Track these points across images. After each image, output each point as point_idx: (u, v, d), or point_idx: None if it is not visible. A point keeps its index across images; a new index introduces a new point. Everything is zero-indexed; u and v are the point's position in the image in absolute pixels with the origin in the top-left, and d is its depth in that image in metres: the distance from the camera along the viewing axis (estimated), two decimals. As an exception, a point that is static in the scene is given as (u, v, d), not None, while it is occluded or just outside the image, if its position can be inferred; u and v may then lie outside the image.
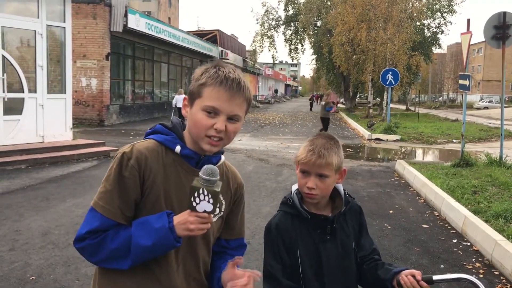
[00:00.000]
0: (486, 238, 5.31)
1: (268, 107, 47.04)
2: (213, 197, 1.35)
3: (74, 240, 1.45)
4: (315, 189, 1.72)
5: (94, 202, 1.45)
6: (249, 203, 7.14)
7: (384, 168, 11.53)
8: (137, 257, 1.41)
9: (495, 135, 20.00)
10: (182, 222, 1.39)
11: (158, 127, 1.56)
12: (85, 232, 1.42)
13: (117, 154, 1.48)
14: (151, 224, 1.40)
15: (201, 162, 1.51)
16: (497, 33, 9.85)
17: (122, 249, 1.41)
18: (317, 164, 1.71)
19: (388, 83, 21.12)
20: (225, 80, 1.44)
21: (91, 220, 1.44)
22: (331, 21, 31.45)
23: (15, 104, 10.18)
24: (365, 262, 1.83)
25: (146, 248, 1.39)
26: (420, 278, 1.63)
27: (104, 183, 1.45)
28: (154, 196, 1.46)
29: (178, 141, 1.51)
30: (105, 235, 1.42)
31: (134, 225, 1.43)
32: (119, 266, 1.43)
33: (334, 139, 1.80)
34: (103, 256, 1.43)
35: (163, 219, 1.40)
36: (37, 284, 4.01)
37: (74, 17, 16.16)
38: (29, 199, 6.87)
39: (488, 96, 67.39)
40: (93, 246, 1.42)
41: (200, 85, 1.46)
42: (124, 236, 1.41)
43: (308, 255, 1.74)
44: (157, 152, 1.48)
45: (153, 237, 1.39)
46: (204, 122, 1.44)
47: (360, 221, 1.87)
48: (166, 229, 1.39)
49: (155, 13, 53.68)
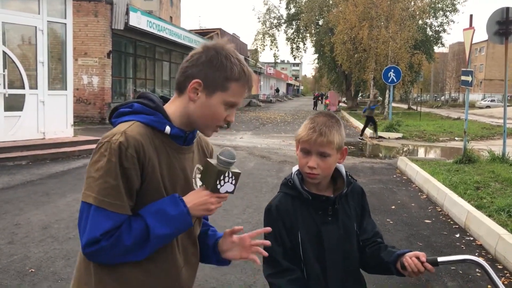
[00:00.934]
0: (490, 233, 5.27)
1: (269, 106, 46.99)
2: (235, 179, 1.43)
3: (85, 245, 1.33)
4: (316, 169, 1.67)
5: (97, 200, 1.32)
6: (251, 199, 7.11)
7: (386, 165, 11.48)
8: (155, 247, 1.38)
9: (497, 133, 19.92)
10: (201, 203, 1.41)
11: (138, 107, 1.46)
12: (100, 234, 1.32)
13: (105, 144, 1.36)
14: (168, 212, 1.37)
15: (188, 139, 1.51)
16: (500, 28, 9.79)
17: (138, 242, 1.35)
18: (318, 142, 1.66)
19: (390, 80, 21.03)
20: (250, 79, 1.46)
21: (101, 220, 1.32)
22: (332, 20, 31.36)
23: (16, 100, 10.15)
24: (367, 246, 1.78)
25: (166, 236, 1.38)
26: (424, 259, 1.58)
27: (103, 178, 1.33)
28: (155, 182, 1.41)
29: (166, 121, 1.45)
30: (119, 233, 1.33)
31: (148, 216, 1.36)
32: (135, 259, 1.38)
33: (335, 117, 1.75)
34: (118, 254, 1.35)
35: (178, 204, 1.39)
36: (36, 276, 3.97)
37: (76, 15, 16.14)
38: (29, 194, 6.84)
39: (490, 95, 67.20)
40: (108, 247, 1.33)
41: (227, 78, 1.43)
42: (138, 229, 1.35)
43: (309, 237, 1.70)
44: (147, 136, 1.41)
45: (172, 225, 1.38)
46: (222, 116, 1.45)
47: (362, 203, 1.83)
48: (184, 214, 1.38)
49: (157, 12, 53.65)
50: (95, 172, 1.34)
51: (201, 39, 29.35)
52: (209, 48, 1.45)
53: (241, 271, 4.26)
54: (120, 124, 1.43)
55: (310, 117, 1.75)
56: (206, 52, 1.45)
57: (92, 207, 1.33)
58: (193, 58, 1.46)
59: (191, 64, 1.45)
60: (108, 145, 1.35)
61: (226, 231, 1.61)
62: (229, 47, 1.47)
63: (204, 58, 1.44)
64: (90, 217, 1.33)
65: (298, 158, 1.74)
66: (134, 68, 22.29)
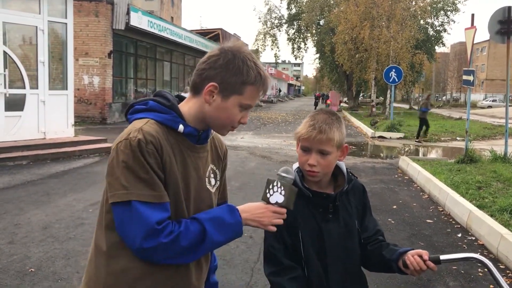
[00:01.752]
0: (492, 232, 5.24)
1: (271, 106, 46.97)
2: (285, 190, 1.46)
3: (143, 238, 1.30)
4: (316, 166, 1.66)
5: (139, 196, 1.31)
6: (252, 199, 7.04)
7: (388, 165, 11.45)
8: (206, 252, 1.43)
9: (499, 133, 19.88)
10: (259, 216, 1.45)
11: (152, 104, 1.47)
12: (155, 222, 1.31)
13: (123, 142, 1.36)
14: (225, 220, 1.42)
15: (201, 138, 1.52)
16: (502, 28, 9.75)
17: (193, 245, 1.38)
18: (318, 140, 1.64)
19: (392, 80, 21.01)
20: (266, 83, 1.49)
21: (150, 213, 1.31)
22: (334, 20, 31.32)
23: (16, 100, 10.14)
24: (369, 243, 1.76)
25: (218, 243, 1.42)
26: (427, 258, 1.56)
27: (134, 173, 1.32)
28: (174, 177, 1.42)
29: (180, 120, 1.46)
30: (178, 233, 1.35)
31: (206, 221, 1.40)
32: (186, 261, 1.42)
33: (336, 115, 1.73)
34: (172, 255, 1.36)
35: (235, 214, 1.43)
36: (36, 276, 3.96)
37: (76, 15, 16.13)
38: (29, 194, 6.82)
39: (492, 95, 67.10)
40: (166, 245, 1.33)
41: (244, 82, 1.44)
42: (195, 232, 1.38)
43: (310, 235, 1.68)
44: (162, 134, 1.42)
45: (226, 233, 1.41)
46: (237, 118, 1.48)
47: (363, 201, 1.81)
48: (239, 224, 1.43)
49: (158, 12, 53.63)
50: (120, 171, 1.33)
51: (202, 39, 29.35)
52: (226, 51, 1.45)
53: (241, 271, 4.24)
54: (134, 122, 1.45)
55: (310, 114, 1.74)
56: (223, 55, 1.44)
57: (134, 204, 1.32)
58: (210, 60, 1.46)
59: (208, 66, 1.45)
60: (127, 143, 1.35)
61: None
62: (246, 49, 1.48)
63: (221, 61, 1.44)
64: (135, 214, 1.31)
65: (298, 155, 1.73)
66: (135, 68, 22.29)
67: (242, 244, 5.00)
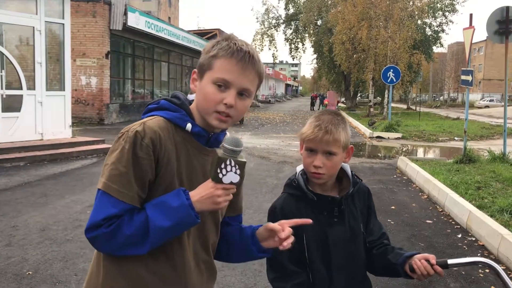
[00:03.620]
0: (492, 233, 5.21)
1: (268, 106, 46.94)
2: (240, 168, 1.32)
3: (87, 229, 1.32)
4: (322, 168, 1.62)
5: (106, 186, 1.32)
6: (250, 200, 7.05)
7: (386, 165, 11.44)
8: (156, 240, 1.32)
9: (497, 133, 19.90)
10: (207, 196, 1.32)
11: (163, 103, 1.46)
12: (101, 219, 1.30)
13: (125, 133, 1.35)
14: (169, 204, 1.31)
15: (211, 140, 1.46)
16: (500, 28, 9.75)
17: (139, 234, 1.31)
18: (324, 141, 1.61)
19: (389, 80, 21.00)
20: (237, 52, 1.37)
21: (106, 206, 1.31)
22: (331, 20, 31.32)
23: (13, 101, 10.09)
24: (374, 247, 1.73)
25: (166, 229, 1.31)
26: (434, 262, 1.53)
27: (114, 164, 1.32)
28: (169, 177, 1.37)
29: (188, 119, 1.43)
30: (120, 222, 1.30)
31: (149, 207, 1.33)
32: (136, 253, 1.34)
33: (341, 115, 1.70)
34: (117, 245, 1.32)
35: (181, 196, 1.32)
36: (34, 279, 3.91)
37: (74, 15, 16.07)
38: (27, 195, 6.77)
39: (489, 95, 67.20)
40: (107, 234, 1.30)
41: (211, 56, 1.39)
42: (139, 221, 1.31)
43: (315, 239, 1.64)
44: (168, 131, 1.39)
45: (173, 217, 1.31)
46: (214, 96, 1.37)
47: (368, 204, 1.77)
48: (186, 206, 1.31)
49: (155, 12, 53.54)
50: (109, 160, 1.35)
51: (199, 39, 29.29)
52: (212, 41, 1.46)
53: (241, 273, 4.20)
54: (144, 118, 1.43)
55: (314, 115, 1.70)
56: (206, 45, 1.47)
57: (99, 192, 1.33)
58: None
59: None
60: (126, 134, 1.35)
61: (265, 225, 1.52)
62: (232, 35, 1.45)
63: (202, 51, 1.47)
64: (96, 201, 1.34)
65: (302, 157, 1.69)
66: (133, 68, 22.22)
67: (242, 245, 4.97)
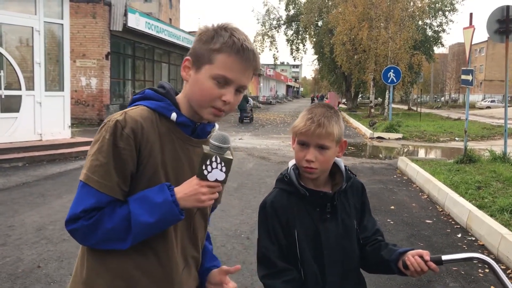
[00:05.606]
0: (492, 232, 5.17)
1: (269, 107, 46.92)
2: (226, 166, 1.28)
3: (66, 221, 1.29)
4: (314, 162, 1.58)
5: (86, 176, 1.28)
6: (249, 200, 7.02)
7: (386, 165, 11.39)
8: (138, 235, 1.28)
9: (497, 133, 19.83)
10: (192, 193, 1.29)
11: (148, 92, 1.41)
12: (80, 211, 1.26)
13: (106, 123, 1.31)
14: (152, 199, 1.28)
15: (197, 130, 1.42)
16: (500, 27, 9.70)
17: (120, 228, 1.27)
18: (316, 134, 1.56)
19: (390, 81, 20.96)
20: (242, 50, 1.32)
21: (85, 197, 1.27)
22: (332, 21, 31.27)
23: (12, 101, 10.07)
24: (368, 244, 1.69)
25: (148, 225, 1.27)
26: (428, 258, 1.49)
27: (95, 155, 1.29)
28: (152, 168, 1.33)
29: (173, 108, 1.38)
30: (101, 214, 1.27)
31: (132, 202, 1.29)
32: (118, 247, 1.29)
33: (333, 109, 1.66)
34: (98, 238, 1.28)
35: (165, 192, 1.29)
36: (28, 279, 3.88)
37: (74, 16, 16.07)
38: (24, 195, 6.74)
39: (491, 96, 67.12)
40: (88, 227, 1.26)
41: (213, 50, 1.32)
42: (121, 214, 1.27)
43: (307, 235, 1.60)
44: (151, 120, 1.34)
45: (156, 213, 1.27)
46: (212, 91, 1.32)
47: (362, 200, 1.73)
48: (169, 202, 1.27)
49: (156, 14, 53.60)
50: (92, 150, 1.31)
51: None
52: (207, 26, 1.39)
53: (239, 273, 4.16)
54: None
55: (307, 108, 1.66)
56: (202, 29, 1.38)
57: (80, 183, 1.30)
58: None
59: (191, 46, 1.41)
60: (108, 124, 1.31)
61: (222, 268, 1.52)
62: (230, 24, 1.37)
63: (197, 36, 1.38)
64: (77, 193, 1.30)
65: (295, 151, 1.65)
66: (133, 69, 22.22)
67: (239, 245, 4.93)
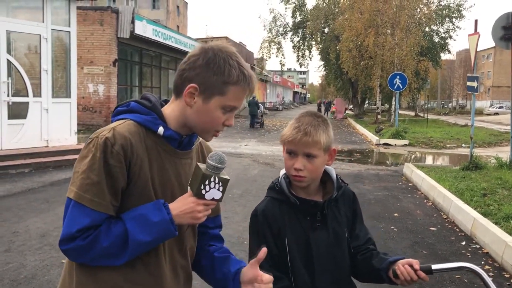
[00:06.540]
0: (496, 240, 5.13)
1: (276, 113, 46.93)
2: (223, 185, 1.33)
3: (60, 240, 1.29)
4: (303, 171, 1.59)
5: (77, 195, 1.28)
6: (253, 206, 6.92)
7: (392, 172, 11.34)
8: (134, 252, 1.30)
9: (505, 140, 19.68)
10: (188, 211, 1.32)
11: (133, 106, 1.42)
12: (75, 230, 1.26)
13: (94, 139, 1.32)
14: (149, 218, 1.29)
15: (183, 143, 1.44)
16: (506, 34, 9.67)
17: (117, 246, 1.28)
18: (303, 142, 1.58)
19: (396, 87, 20.90)
20: (251, 82, 1.39)
21: (79, 216, 1.27)
22: (338, 27, 31.35)
23: (20, 108, 10.17)
24: (359, 253, 1.69)
25: (145, 243, 1.30)
26: (418, 267, 1.49)
27: (85, 173, 1.28)
28: (142, 183, 1.34)
29: (160, 122, 1.39)
30: (97, 233, 1.28)
31: (128, 220, 1.29)
32: (112, 263, 1.31)
33: (322, 117, 1.67)
34: (93, 256, 1.29)
35: (161, 211, 1.31)
36: (30, 285, 3.91)
37: (81, 24, 16.24)
38: (29, 201, 6.80)
39: (499, 102, 66.67)
40: (84, 246, 1.27)
41: (226, 83, 1.35)
42: (117, 232, 1.28)
43: (297, 244, 1.61)
44: (138, 135, 1.35)
45: (153, 232, 1.30)
46: (220, 120, 1.39)
47: (353, 208, 1.73)
48: (167, 221, 1.30)
49: (164, 21, 53.97)
50: (80, 167, 1.30)
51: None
52: (207, 50, 1.37)
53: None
54: (114, 122, 1.40)
55: (295, 117, 1.68)
56: (203, 54, 1.36)
57: (72, 202, 1.29)
58: (190, 61, 1.38)
59: (188, 67, 1.37)
60: (96, 141, 1.31)
61: (251, 261, 1.46)
62: (229, 48, 1.39)
63: (201, 61, 1.36)
64: (69, 212, 1.29)
65: (284, 160, 1.66)
66: (140, 76, 22.37)
67: (242, 252, 4.93)
